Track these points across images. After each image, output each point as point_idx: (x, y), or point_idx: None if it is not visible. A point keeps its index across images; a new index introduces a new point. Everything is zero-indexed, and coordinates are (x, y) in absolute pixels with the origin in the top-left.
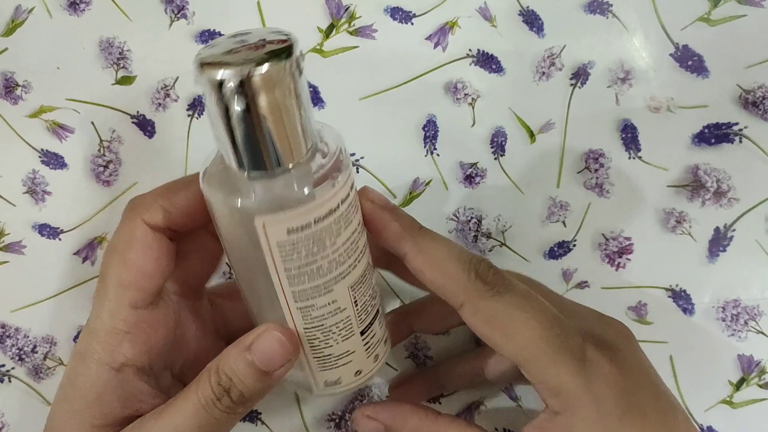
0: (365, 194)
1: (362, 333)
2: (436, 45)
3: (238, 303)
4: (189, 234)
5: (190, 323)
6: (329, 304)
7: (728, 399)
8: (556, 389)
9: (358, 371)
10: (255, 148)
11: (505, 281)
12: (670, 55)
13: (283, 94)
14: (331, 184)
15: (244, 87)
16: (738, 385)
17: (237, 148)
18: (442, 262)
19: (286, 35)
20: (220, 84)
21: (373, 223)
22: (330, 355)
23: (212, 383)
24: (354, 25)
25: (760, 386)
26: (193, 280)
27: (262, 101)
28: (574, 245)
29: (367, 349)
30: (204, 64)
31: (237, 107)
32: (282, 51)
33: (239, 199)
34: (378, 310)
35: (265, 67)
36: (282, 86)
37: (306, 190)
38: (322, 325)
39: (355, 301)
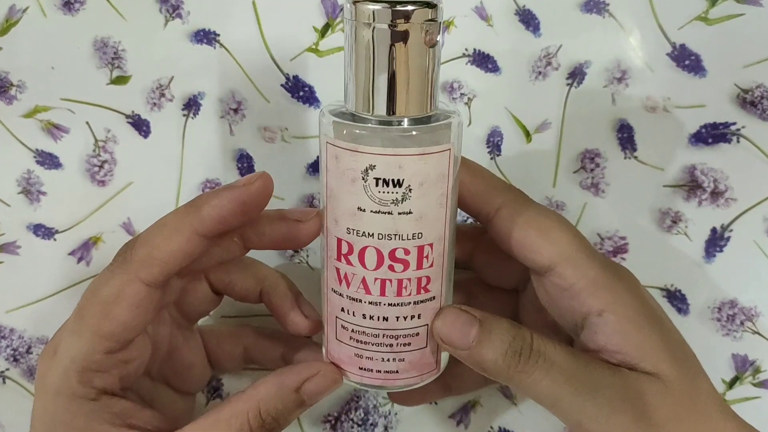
0: None
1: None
2: None
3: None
4: (193, 281)
5: (180, 341)
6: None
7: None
8: (594, 282)
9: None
10: (370, 84)
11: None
12: (667, 54)
13: (416, 45)
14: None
15: (385, 22)
16: (731, 384)
17: (358, 80)
18: (479, 169)
19: (436, 2)
20: (361, 15)
21: None
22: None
23: (252, 425)
24: None
25: (755, 385)
26: (190, 315)
27: (397, 42)
28: None
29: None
30: (356, 2)
31: (374, 42)
32: (426, 4)
33: (326, 115)
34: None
35: (405, 9)
36: (412, 38)
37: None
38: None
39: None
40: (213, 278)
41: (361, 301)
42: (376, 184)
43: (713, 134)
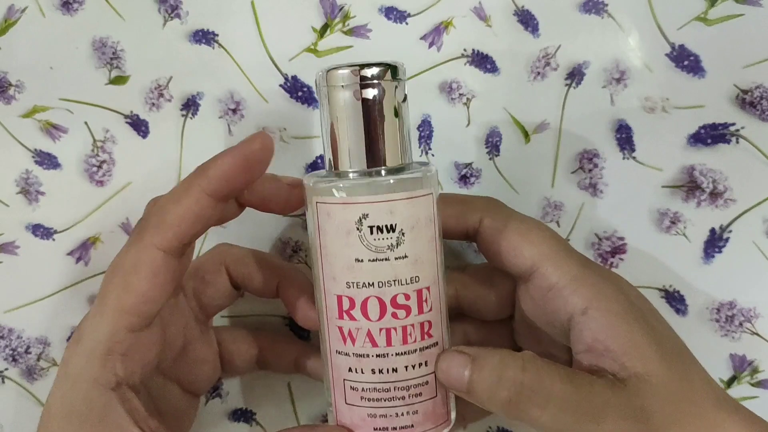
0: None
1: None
2: (430, 45)
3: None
4: (213, 274)
5: (196, 334)
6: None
7: None
8: (575, 279)
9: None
10: (348, 141)
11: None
12: (666, 55)
13: (384, 102)
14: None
15: (349, 84)
16: (729, 383)
17: (337, 139)
18: (452, 195)
19: (396, 64)
20: (335, 80)
21: None
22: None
23: None
24: (348, 24)
25: (752, 384)
26: (208, 308)
27: (364, 99)
28: None
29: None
30: (328, 70)
31: (348, 103)
32: (388, 66)
33: (311, 180)
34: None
35: (373, 70)
36: (383, 95)
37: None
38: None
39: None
40: (233, 270)
41: (368, 355)
42: (371, 232)
43: (712, 135)
